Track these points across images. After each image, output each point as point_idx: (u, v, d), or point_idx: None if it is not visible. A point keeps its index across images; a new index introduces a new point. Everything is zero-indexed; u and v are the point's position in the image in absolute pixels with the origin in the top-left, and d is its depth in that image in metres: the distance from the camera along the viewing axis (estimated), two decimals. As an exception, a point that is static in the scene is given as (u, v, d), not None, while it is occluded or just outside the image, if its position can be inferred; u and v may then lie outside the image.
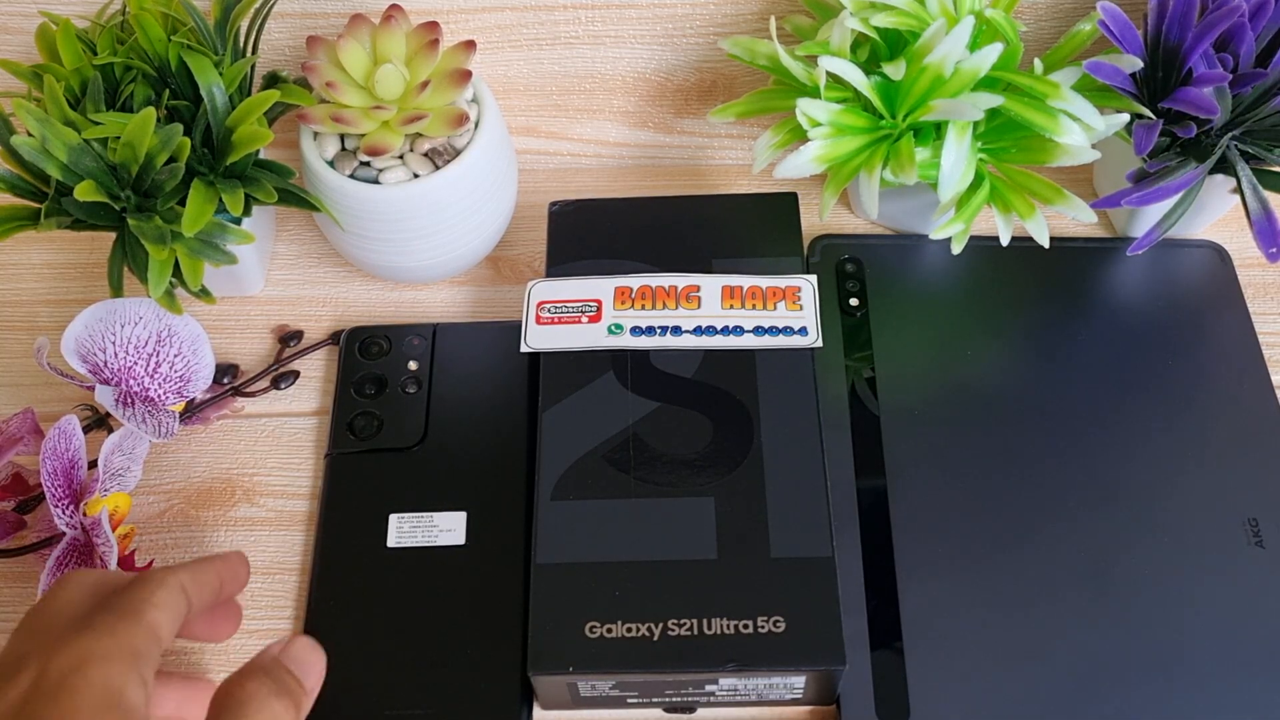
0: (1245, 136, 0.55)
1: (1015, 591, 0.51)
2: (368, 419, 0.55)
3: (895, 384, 0.58)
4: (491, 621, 0.50)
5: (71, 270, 0.66)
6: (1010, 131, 0.57)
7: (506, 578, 0.51)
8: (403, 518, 0.52)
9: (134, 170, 0.52)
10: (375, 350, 0.57)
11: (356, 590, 0.51)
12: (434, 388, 0.56)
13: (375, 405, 0.55)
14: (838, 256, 0.63)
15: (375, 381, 0.56)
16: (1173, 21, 0.55)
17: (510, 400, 0.55)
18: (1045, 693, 0.48)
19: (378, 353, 0.57)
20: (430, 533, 0.52)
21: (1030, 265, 0.61)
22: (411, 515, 0.52)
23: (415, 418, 0.55)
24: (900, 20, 0.55)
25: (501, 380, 0.56)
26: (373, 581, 0.51)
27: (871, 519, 0.53)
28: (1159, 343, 0.59)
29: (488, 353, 0.57)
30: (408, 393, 0.56)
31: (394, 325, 0.58)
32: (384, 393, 0.56)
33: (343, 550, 0.52)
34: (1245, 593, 0.51)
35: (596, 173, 0.70)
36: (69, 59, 0.54)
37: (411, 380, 0.56)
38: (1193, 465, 0.55)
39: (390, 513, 0.52)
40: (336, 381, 0.56)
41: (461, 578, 0.51)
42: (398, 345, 0.57)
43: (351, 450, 0.54)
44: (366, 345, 0.58)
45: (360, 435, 0.55)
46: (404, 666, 0.49)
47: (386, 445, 0.54)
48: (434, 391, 0.56)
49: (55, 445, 0.50)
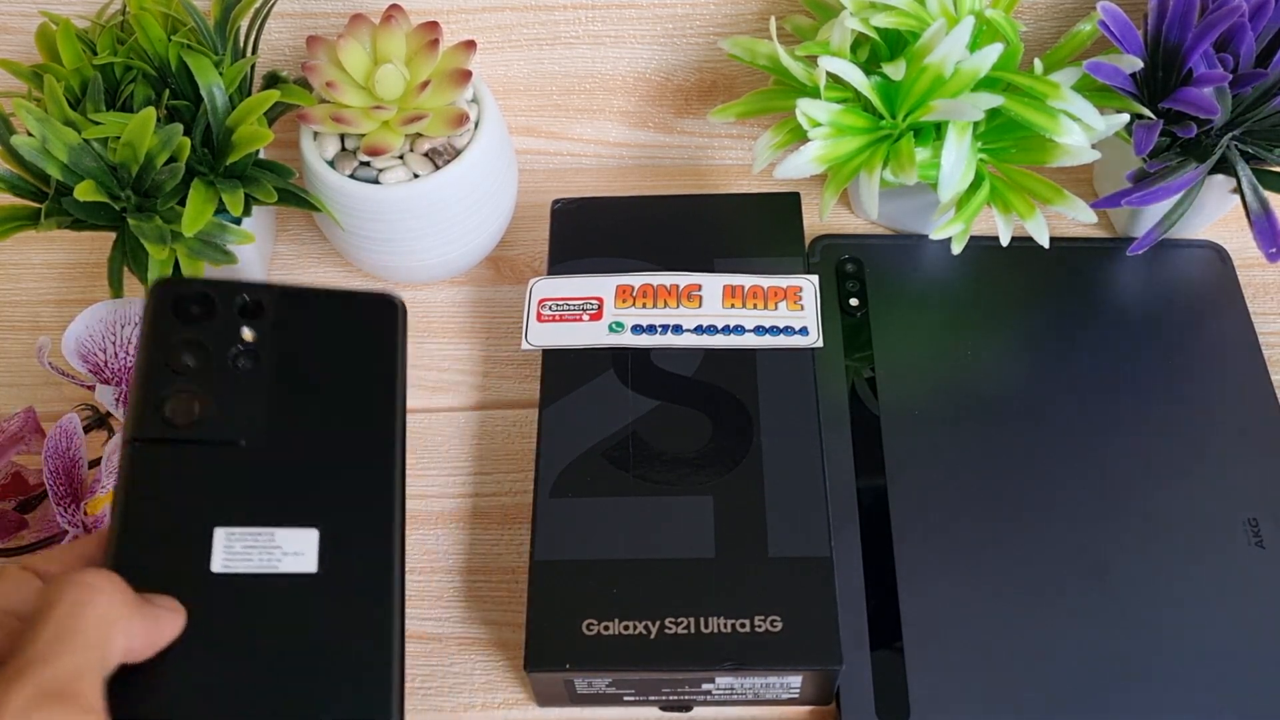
0: (1245, 136, 0.55)
1: (1015, 591, 0.51)
2: (184, 400, 0.40)
3: (895, 384, 0.58)
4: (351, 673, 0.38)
5: (72, 270, 0.66)
6: (1010, 132, 0.57)
7: (372, 616, 0.39)
8: (233, 534, 0.39)
9: (134, 170, 0.52)
10: (195, 311, 0.42)
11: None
12: (277, 365, 0.42)
13: (195, 382, 0.41)
14: (838, 256, 0.63)
15: (195, 350, 0.41)
16: (1173, 21, 0.55)
17: (373, 389, 0.43)
18: (1046, 692, 0.48)
19: (199, 314, 0.42)
20: (270, 555, 0.39)
21: (1030, 265, 0.61)
22: (245, 531, 0.39)
23: (250, 402, 0.41)
24: (900, 20, 0.55)
25: (363, 364, 0.43)
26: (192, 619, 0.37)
27: (871, 519, 0.53)
28: (1159, 343, 0.59)
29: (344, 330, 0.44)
30: (239, 368, 0.41)
31: (219, 280, 0.43)
32: (208, 367, 0.41)
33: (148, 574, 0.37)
34: (1245, 592, 0.51)
35: (596, 173, 0.70)
36: (69, 59, 0.54)
37: (245, 354, 0.42)
38: (1192, 465, 0.55)
39: (215, 526, 0.39)
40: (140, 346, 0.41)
41: (312, 616, 0.39)
42: (225, 307, 0.42)
43: (162, 438, 0.40)
44: (183, 303, 0.42)
45: (174, 420, 0.40)
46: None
47: (209, 436, 0.40)
48: (273, 370, 0.42)
49: (57, 444, 0.50)
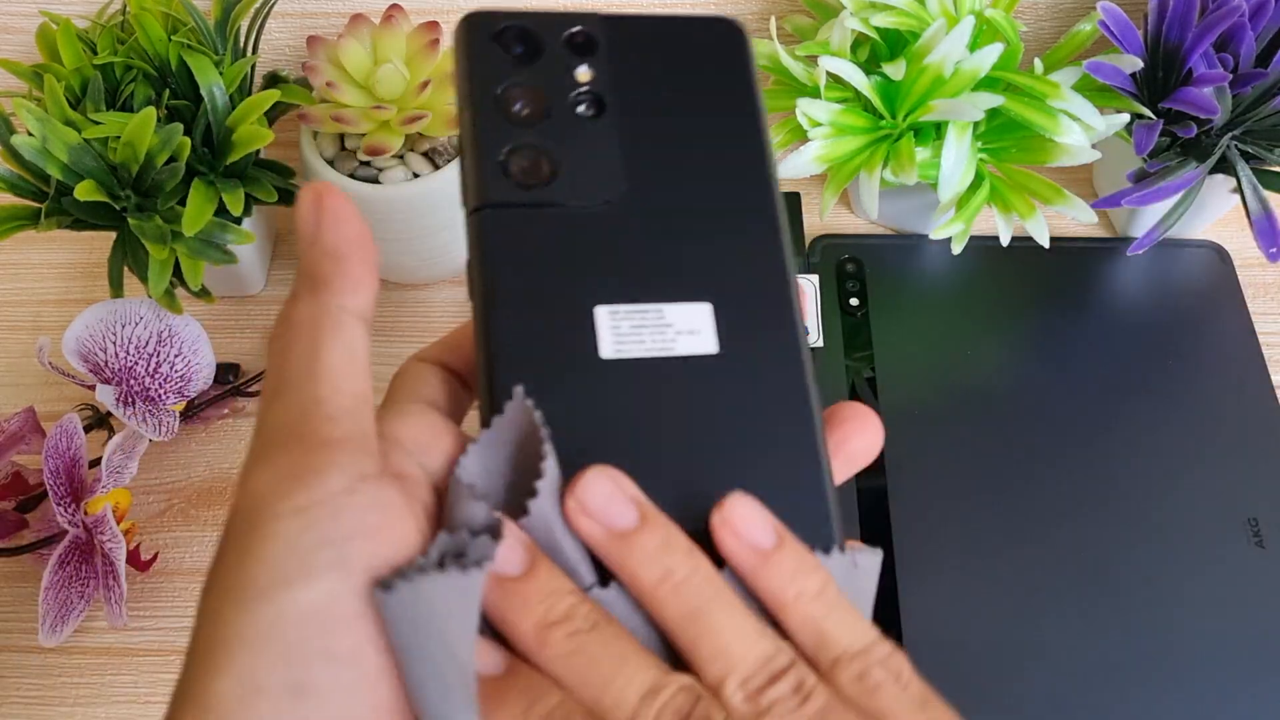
0: (1245, 136, 0.55)
1: (1016, 591, 0.51)
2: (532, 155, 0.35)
3: (895, 383, 0.58)
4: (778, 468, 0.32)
5: (72, 270, 0.66)
6: (1010, 131, 0.57)
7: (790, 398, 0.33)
8: (617, 313, 0.33)
9: (134, 170, 0.52)
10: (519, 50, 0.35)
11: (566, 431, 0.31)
12: (624, 110, 0.35)
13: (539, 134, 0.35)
14: (838, 256, 0.63)
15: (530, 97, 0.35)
16: (1173, 21, 0.55)
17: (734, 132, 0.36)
18: (1047, 692, 0.48)
19: (525, 54, 0.35)
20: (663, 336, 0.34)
21: (1030, 265, 0.61)
22: (629, 309, 0.33)
23: (604, 155, 0.35)
24: (900, 20, 0.55)
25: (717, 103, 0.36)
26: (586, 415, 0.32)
27: (871, 519, 0.53)
28: (1159, 342, 0.59)
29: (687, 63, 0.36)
30: (583, 117, 0.35)
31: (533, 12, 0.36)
32: (548, 115, 0.35)
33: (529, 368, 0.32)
34: (1245, 592, 0.51)
35: (597, 172, 0.70)
36: (69, 59, 0.54)
37: (586, 98, 0.35)
38: (1193, 465, 0.55)
39: (595, 305, 0.33)
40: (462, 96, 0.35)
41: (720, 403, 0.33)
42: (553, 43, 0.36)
43: (515, 202, 0.34)
44: (502, 40, 0.35)
45: (525, 181, 0.34)
46: None
47: (568, 198, 0.34)
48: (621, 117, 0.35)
49: (57, 444, 0.50)
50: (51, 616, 0.49)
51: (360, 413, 0.26)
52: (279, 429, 0.25)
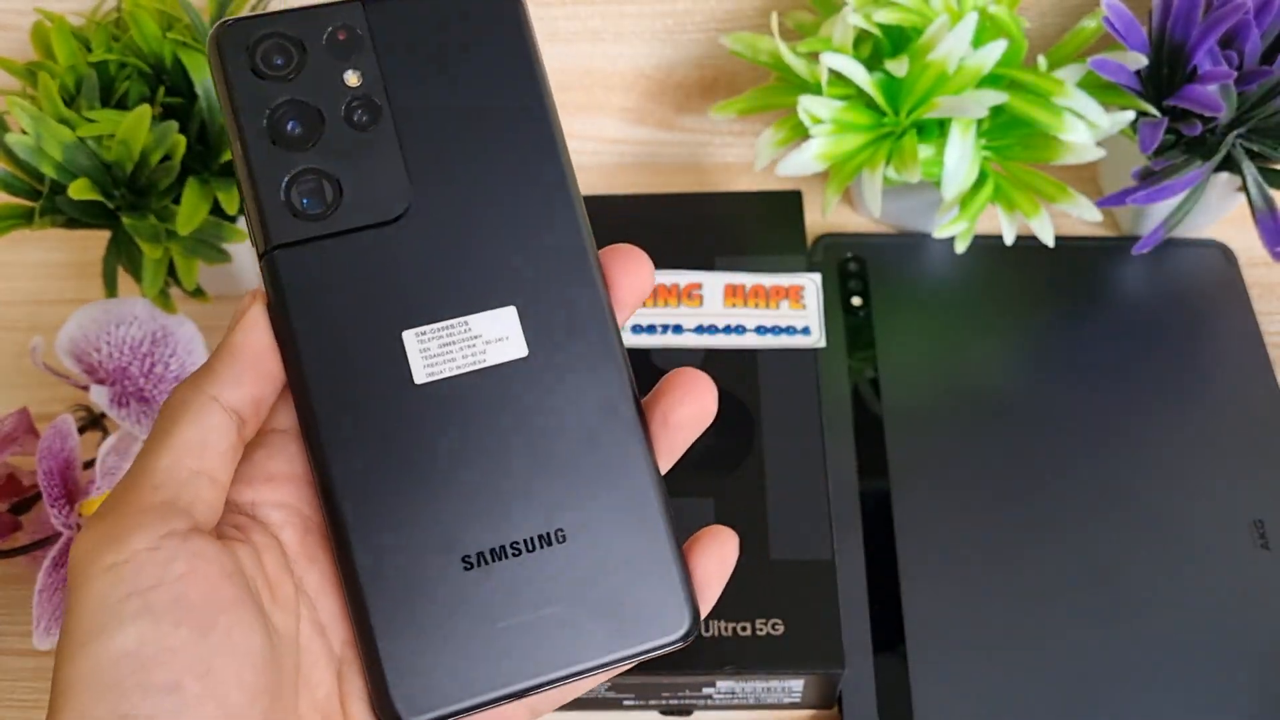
0: (1251, 134, 0.55)
1: (1020, 594, 0.51)
2: (313, 181, 0.32)
3: (898, 384, 0.57)
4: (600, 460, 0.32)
5: (66, 269, 0.66)
6: (1014, 129, 0.57)
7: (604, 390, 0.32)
8: (424, 334, 0.32)
9: (128, 168, 0.51)
10: (282, 62, 0.32)
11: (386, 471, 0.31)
12: (400, 112, 0.32)
13: (318, 156, 0.32)
14: (840, 255, 0.62)
15: (302, 115, 0.32)
16: (1177, 18, 0.54)
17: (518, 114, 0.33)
18: (1050, 697, 0.48)
19: (290, 66, 0.32)
20: (473, 348, 0.32)
21: (1034, 264, 0.61)
22: (436, 328, 0.32)
23: (388, 168, 0.32)
24: (903, 16, 0.54)
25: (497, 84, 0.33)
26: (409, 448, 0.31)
27: (874, 521, 0.53)
28: (1164, 342, 0.58)
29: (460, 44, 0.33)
30: (359, 126, 0.32)
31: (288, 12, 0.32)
32: (324, 134, 0.32)
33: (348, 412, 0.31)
34: (1251, 595, 0.51)
35: (596, 170, 0.70)
36: (64, 56, 0.54)
37: (359, 106, 0.32)
38: (1198, 466, 0.54)
39: (402, 330, 0.32)
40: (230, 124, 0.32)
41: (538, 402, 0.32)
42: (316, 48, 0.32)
43: (304, 238, 0.31)
44: (264, 54, 0.32)
45: (308, 212, 0.31)
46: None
47: (356, 222, 0.32)
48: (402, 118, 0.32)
49: (51, 445, 0.50)
50: (46, 619, 0.49)
51: (192, 485, 0.28)
52: (110, 497, 0.29)
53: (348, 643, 0.30)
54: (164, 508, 0.28)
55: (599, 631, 0.30)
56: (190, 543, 0.28)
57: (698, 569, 0.31)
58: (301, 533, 0.31)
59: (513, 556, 0.30)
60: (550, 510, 0.31)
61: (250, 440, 0.31)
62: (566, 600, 0.30)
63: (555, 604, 0.30)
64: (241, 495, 0.31)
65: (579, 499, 0.31)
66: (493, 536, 0.30)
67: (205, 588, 0.27)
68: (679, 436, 0.32)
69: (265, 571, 0.29)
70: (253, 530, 0.30)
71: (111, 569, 0.27)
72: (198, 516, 0.28)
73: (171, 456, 0.29)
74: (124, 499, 0.28)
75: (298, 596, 0.30)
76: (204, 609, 0.27)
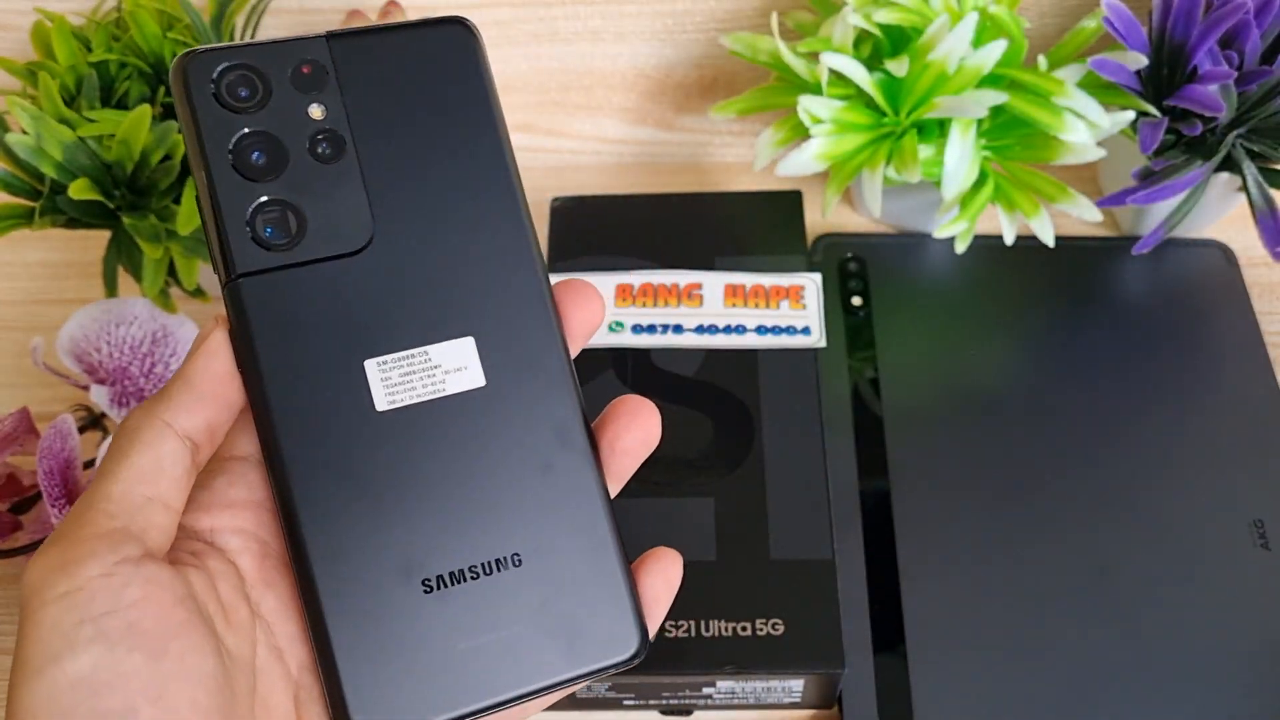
0: (1251, 134, 0.55)
1: (1020, 594, 0.51)
2: (278, 212, 0.33)
3: (899, 384, 0.57)
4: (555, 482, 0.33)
5: (66, 269, 0.65)
6: (1014, 129, 0.57)
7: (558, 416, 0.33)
8: (385, 363, 0.33)
9: (129, 168, 0.51)
10: (247, 94, 0.33)
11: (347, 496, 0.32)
12: (362, 145, 0.33)
13: (282, 187, 0.33)
14: (840, 255, 0.62)
15: (267, 146, 0.33)
16: (1178, 18, 0.54)
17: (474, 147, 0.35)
18: (1050, 696, 0.48)
19: (256, 97, 0.33)
20: (432, 378, 0.33)
21: (1035, 264, 0.61)
22: (396, 358, 0.33)
23: (350, 201, 0.33)
24: (903, 16, 0.54)
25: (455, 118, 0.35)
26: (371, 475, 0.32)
27: (874, 520, 0.53)
28: (1164, 342, 0.58)
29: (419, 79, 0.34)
30: (323, 159, 0.33)
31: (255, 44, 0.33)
32: (288, 166, 0.33)
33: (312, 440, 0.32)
34: (1250, 595, 0.50)
35: (596, 170, 0.70)
36: (64, 56, 0.54)
37: (323, 139, 0.33)
38: (1198, 466, 0.54)
39: (364, 359, 0.33)
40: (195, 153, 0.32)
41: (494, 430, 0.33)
42: (281, 81, 0.33)
43: (267, 267, 0.32)
44: (229, 85, 0.32)
45: (272, 242, 0.32)
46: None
47: (319, 253, 0.33)
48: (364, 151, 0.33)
49: (51, 445, 0.50)
50: (45, 620, 0.49)
51: (145, 511, 0.29)
52: (63, 524, 0.29)
53: (305, 666, 0.31)
54: (117, 534, 0.28)
55: (553, 652, 0.31)
56: (143, 569, 0.28)
57: (645, 589, 0.32)
58: (259, 558, 0.31)
59: (471, 580, 0.31)
60: (507, 535, 0.32)
61: (211, 467, 0.32)
62: (522, 622, 0.31)
63: (511, 626, 0.31)
64: (199, 522, 0.31)
65: (534, 524, 0.32)
66: (452, 560, 0.31)
67: (158, 613, 0.27)
68: (626, 462, 0.33)
69: (219, 596, 0.30)
70: (208, 556, 0.30)
71: (65, 596, 0.27)
72: (150, 543, 0.28)
73: (125, 483, 0.29)
74: (77, 525, 0.28)
75: (254, 620, 0.30)
76: (157, 634, 0.27)
